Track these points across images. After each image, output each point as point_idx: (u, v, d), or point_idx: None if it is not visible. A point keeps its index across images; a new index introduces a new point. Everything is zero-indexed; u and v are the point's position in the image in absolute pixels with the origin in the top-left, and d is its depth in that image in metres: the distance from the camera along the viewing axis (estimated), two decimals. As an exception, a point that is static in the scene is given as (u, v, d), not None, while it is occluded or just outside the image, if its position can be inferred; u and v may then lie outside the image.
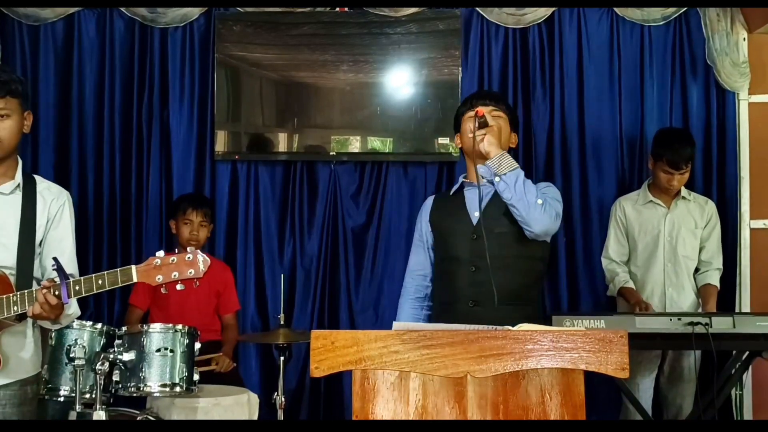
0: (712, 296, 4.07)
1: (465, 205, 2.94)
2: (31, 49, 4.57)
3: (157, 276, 2.52)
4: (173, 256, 2.53)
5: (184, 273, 2.53)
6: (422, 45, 4.57)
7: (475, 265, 2.83)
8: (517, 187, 2.73)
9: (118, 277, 2.51)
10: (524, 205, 2.73)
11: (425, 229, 3.04)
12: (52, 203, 2.73)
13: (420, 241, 3.06)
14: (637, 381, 4.01)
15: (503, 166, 2.75)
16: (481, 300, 2.81)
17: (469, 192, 2.96)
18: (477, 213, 2.89)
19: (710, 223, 4.15)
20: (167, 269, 2.52)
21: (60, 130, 4.59)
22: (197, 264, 2.52)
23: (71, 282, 2.50)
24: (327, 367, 2.02)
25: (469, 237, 2.87)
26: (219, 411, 3.34)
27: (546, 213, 2.75)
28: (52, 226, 2.71)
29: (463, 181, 3.00)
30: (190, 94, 4.62)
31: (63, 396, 3.04)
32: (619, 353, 2.00)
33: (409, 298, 3.06)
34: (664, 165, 3.99)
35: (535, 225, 2.75)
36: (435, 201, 3.09)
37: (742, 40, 4.57)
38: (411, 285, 3.07)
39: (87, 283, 2.50)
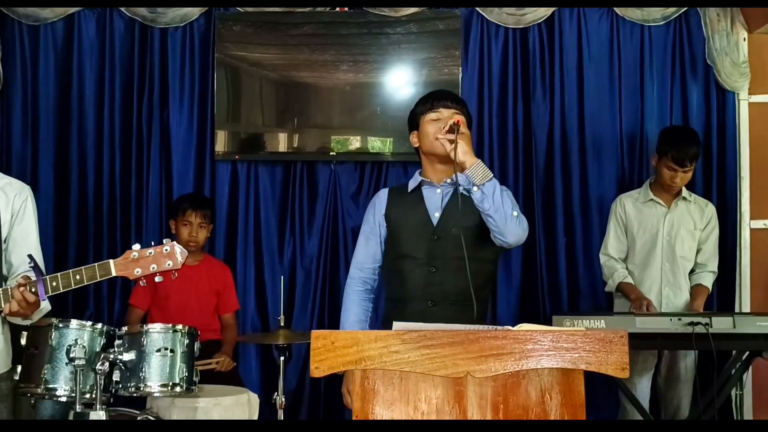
0: (701, 296, 4.07)
1: (424, 204, 2.93)
2: (31, 49, 4.57)
3: (135, 269, 2.53)
4: (150, 249, 2.55)
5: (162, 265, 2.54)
6: (422, 45, 4.58)
7: (433, 266, 2.85)
8: (495, 198, 2.72)
9: (96, 272, 2.51)
10: (501, 216, 2.73)
11: (380, 222, 3.00)
12: (15, 199, 2.72)
13: (372, 234, 3.01)
14: (635, 381, 4.01)
15: (480, 176, 2.73)
16: (437, 300, 2.82)
17: (427, 191, 2.95)
18: (437, 213, 2.89)
19: (709, 225, 4.15)
20: (145, 262, 2.53)
21: (60, 130, 4.59)
22: (175, 255, 2.54)
23: (48, 278, 2.50)
24: (327, 367, 2.02)
25: (428, 237, 2.87)
26: (219, 411, 3.34)
27: (520, 225, 2.77)
28: (16, 221, 2.70)
29: (422, 179, 2.98)
30: (190, 94, 4.62)
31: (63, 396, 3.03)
32: (619, 353, 2.00)
33: (357, 289, 3.03)
34: (669, 161, 3.97)
35: (510, 236, 2.76)
36: (390, 196, 3.04)
37: (742, 40, 4.57)
38: (359, 276, 3.04)
39: (64, 279, 2.50)
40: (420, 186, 2.97)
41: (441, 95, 3.01)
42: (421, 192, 2.96)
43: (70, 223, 4.56)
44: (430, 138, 2.88)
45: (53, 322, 3.02)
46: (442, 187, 2.92)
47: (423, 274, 2.86)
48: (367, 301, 3.05)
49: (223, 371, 3.94)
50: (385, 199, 3.03)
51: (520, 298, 4.63)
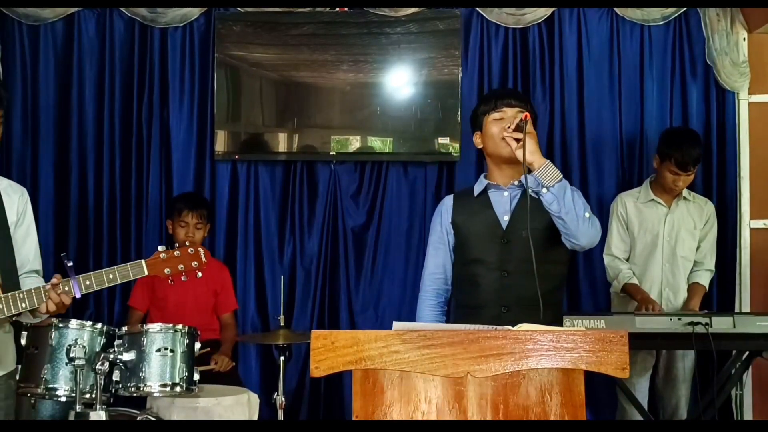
0: (697, 294, 4.07)
1: (492, 208, 2.85)
2: (31, 49, 4.57)
3: (165, 269, 2.69)
4: (177, 250, 2.71)
5: (189, 265, 2.72)
6: (422, 45, 4.57)
7: (505, 270, 2.78)
8: (566, 199, 2.64)
9: (129, 271, 2.64)
10: (573, 218, 2.65)
11: (447, 230, 2.93)
12: (18, 200, 2.77)
13: (441, 243, 2.94)
14: (634, 381, 4.01)
15: (550, 177, 2.64)
16: (511, 305, 2.75)
17: (494, 194, 2.87)
18: (507, 217, 2.82)
19: (707, 223, 4.15)
20: (174, 262, 2.70)
21: (60, 130, 4.59)
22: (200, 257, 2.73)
23: (81, 277, 2.60)
24: (327, 367, 2.02)
25: (498, 241, 2.80)
26: (219, 411, 3.34)
27: (593, 226, 2.70)
28: (18, 222, 2.76)
29: (488, 182, 2.90)
30: (190, 94, 4.62)
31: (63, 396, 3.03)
32: (619, 353, 2.00)
33: (430, 303, 2.95)
34: (672, 165, 3.96)
35: (583, 238, 2.69)
36: (456, 202, 2.96)
37: (742, 40, 4.57)
38: (431, 287, 2.96)
39: (98, 278, 2.62)
40: (486, 189, 2.89)
41: (504, 93, 2.94)
42: (488, 196, 2.88)
43: (70, 223, 4.56)
44: (495, 139, 2.80)
45: (53, 322, 3.01)
46: (509, 189, 2.84)
47: (495, 278, 2.78)
48: (441, 315, 2.96)
49: (222, 371, 3.94)
50: (450, 206, 2.95)
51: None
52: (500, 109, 2.83)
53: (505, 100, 2.85)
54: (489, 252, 2.81)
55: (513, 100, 2.85)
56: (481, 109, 2.90)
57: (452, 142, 4.52)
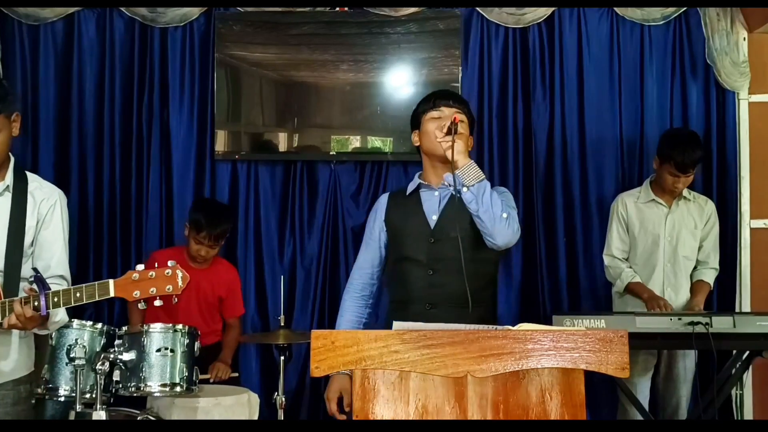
0: (702, 291, 4.07)
1: (422, 207, 2.92)
2: (31, 49, 4.57)
3: (134, 291, 2.48)
4: (152, 271, 2.49)
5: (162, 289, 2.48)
6: (422, 45, 4.57)
7: (432, 268, 2.84)
8: (484, 199, 2.72)
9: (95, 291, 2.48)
10: (490, 217, 2.72)
11: (379, 227, 3.00)
12: (42, 203, 2.69)
13: (371, 239, 3.02)
14: (635, 381, 4.01)
15: (471, 176, 2.73)
16: (437, 302, 2.82)
17: (425, 194, 2.94)
18: (435, 216, 2.88)
19: (709, 222, 4.15)
20: (145, 285, 2.48)
21: (60, 130, 4.59)
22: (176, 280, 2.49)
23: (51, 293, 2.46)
24: (327, 367, 2.01)
25: (426, 240, 2.87)
26: (219, 411, 3.34)
27: (510, 227, 2.76)
28: (42, 226, 2.67)
29: (420, 181, 2.97)
30: (190, 94, 4.62)
31: (63, 396, 3.04)
32: (619, 353, 2.00)
33: (354, 295, 3.03)
34: (672, 167, 3.96)
35: (499, 238, 2.75)
36: (390, 200, 3.04)
37: (742, 40, 4.57)
38: (358, 282, 3.04)
39: (65, 296, 2.48)
40: (418, 189, 2.97)
41: (443, 94, 3.00)
42: (419, 195, 2.95)
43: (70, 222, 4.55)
44: (430, 137, 2.87)
45: (53, 322, 3.01)
46: (439, 189, 2.91)
47: (422, 276, 2.85)
48: (363, 307, 3.04)
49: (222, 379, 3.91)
50: (384, 204, 3.03)
51: (520, 298, 4.63)
52: (438, 108, 2.90)
53: (444, 100, 2.93)
54: (418, 250, 2.87)
55: (452, 101, 2.93)
56: (421, 108, 2.97)
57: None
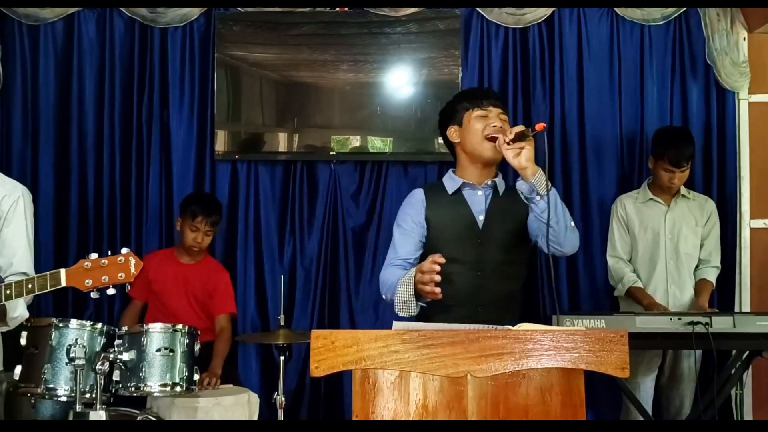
0: (706, 291, 4.08)
1: (468, 208, 2.88)
2: (31, 49, 4.57)
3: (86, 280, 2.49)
4: (104, 259, 2.50)
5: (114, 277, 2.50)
6: (422, 45, 4.57)
7: (479, 270, 2.82)
8: (557, 209, 2.66)
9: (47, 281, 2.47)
10: (562, 227, 2.68)
11: (420, 222, 2.90)
12: (3, 200, 2.67)
13: (413, 232, 2.89)
14: (638, 381, 4.01)
15: (544, 185, 2.64)
16: (485, 304, 2.80)
17: (468, 194, 2.90)
18: (482, 217, 2.85)
19: (710, 221, 4.16)
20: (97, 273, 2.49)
21: (60, 130, 4.59)
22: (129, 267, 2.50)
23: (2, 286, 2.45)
24: (327, 367, 2.02)
25: (475, 241, 2.83)
26: (219, 411, 3.35)
27: (576, 235, 2.75)
28: (4, 224, 2.66)
29: (463, 181, 2.93)
30: (190, 94, 4.62)
31: (63, 396, 3.03)
32: (619, 353, 2.00)
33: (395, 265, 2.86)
34: (665, 164, 4.00)
35: (567, 246, 2.73)
36: (428, 197, 2.95)
37: (742, 40, 4.57)
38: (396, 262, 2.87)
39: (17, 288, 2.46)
40: (460, 188, 2.91)
41: (489, 93, 2.97)
42: (462, 195, 2.90)
43: (71, 223, 4.56)
44: (477, 135, 2.83)
45: (53, 322, 3.02)
46: (483, 188, 2.87)
47: (470, 278, 2.81)
48: None
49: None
50: (422, 199, 2.94)
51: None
52: (486, 107, 2.87)
53: (490, 100, 2.91)
54: (465, 252, 2.82)
55: (497, 101, 2.92)
56: (464, 104, 2.92)
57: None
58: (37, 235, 4.40)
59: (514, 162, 2.66)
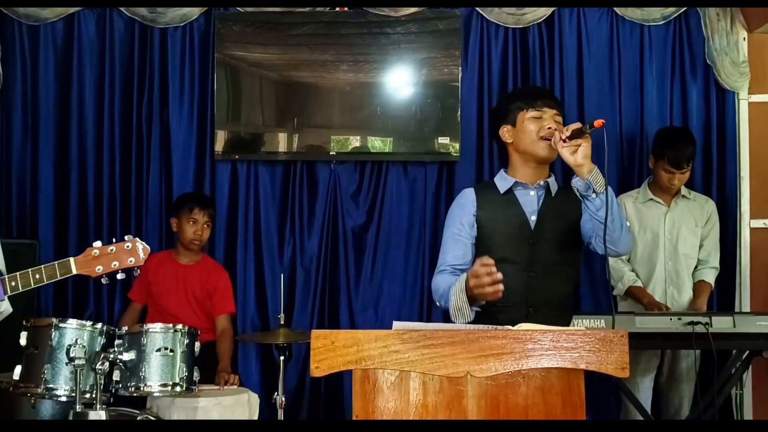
0: (704, 292, 4.08)
1: (520, 207, 2.83)
2: (31, 49, 4.57)
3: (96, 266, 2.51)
4: (112, 246, 2.54)
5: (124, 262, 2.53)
6: (422, 45, 4.57)
7: (532, 270, 2.77)
8: (613, 207, 2.61)
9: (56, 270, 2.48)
10: (617, 225, 2.63)
11: (470, 223, 2.84)
12: None
13: (461, 235, 2.84)
14: (637, 381, 4.02)
15: (601, 182, 2.61)
16: (537, 305, 2.74)
17: (520, 193, 2.85)
18: (534, 217, 2.80)
19: (709, 221, 4.16)
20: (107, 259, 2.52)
21: (60, 130, 4.59)
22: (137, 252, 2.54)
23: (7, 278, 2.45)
24: (327, 367, 2.02)
25: (527, 241, 2.78)
26: (219, 411, 3.34)
27: (630, 235, 2.72)
28: None
29: (515, 180, 2.87)
30: (190, 94, 4.62)
31: (63, 396, 3.03)
32: (619, 353, 2.00)
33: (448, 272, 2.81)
34: (666, 164, 3.99)
35: (621, 246, 2.68)
36: (479, 196, 2.89)
37: (742, 40, 4.57)
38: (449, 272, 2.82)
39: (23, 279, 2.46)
40: (512, 188, 2.87)
41: (544, 93, 2.94)
42: (515, 194, 2.85)
43: (70, 222, 4.56)
44: (531, 136, 2.80)
45: (53, 322, 3.02)
46: (535, 188, 2.84)
47: (523, 279, 2.75)
48: None
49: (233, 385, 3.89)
50: (473, 199, 2.88)
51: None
52: (540, 108, 2.83)
53: (546, 100, 2.86)
54: (518, 252, 2.77)
55: (553, 102, 2.87)
56: (517, 104, 2.87)
57: (452, 142, 4.52)
58: (37, 235, 4.47)
59: (570, 159, 2.63)
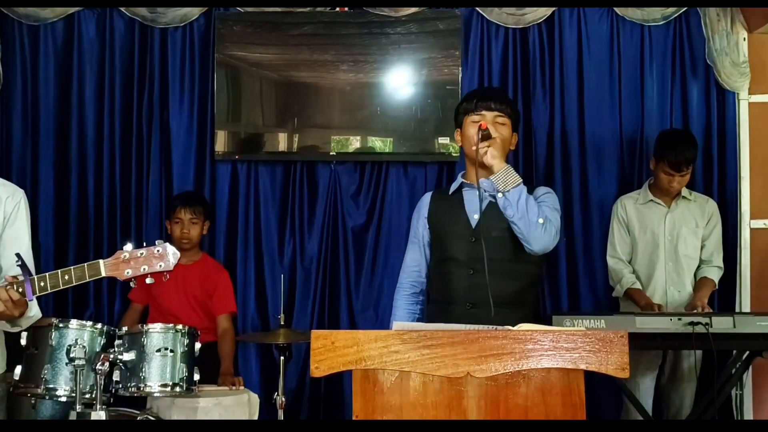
0: (706, 287, 4.05)
1: (464, 206, 2.93)
2: (31, 49, 4.57)
3: (126, 270, 2.48)
4: (142, 250, 2.50)
5: (154, 266, 2.50)
6: (422, 45, 4.57)
7: (473, 268, 2.84)
8: (519, 204, 2.72)
9: (85, 272, 2.46)
10: (525, 223, 2.73)
11: (422, 226, 3.03)
12: (7, 201, 2.66)
13: (416, 238, 3.06)
14: (638, 381, 4.01)
15: (507, 182, 2.74)
16: (478, 302, 2.80)
17: (468, 193, 2.95)
18: (476, 215, 2.88)
19: (711, 221, 4.15)
20: (136, 263, 2.49)
21: (60, 130, 4.59)
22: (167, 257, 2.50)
23: (36, 278, 2.45)
24: (327, 367, 2.02)
25: (467, 239, 2.87)
26: (219, 411, 3.35)
27: (546, 232, 2.76)
28: (7, 224, 2.65)
29: (462, 181, 2.98)
30: (190, 94, 4.62)
31: (63, 396, 3.03)
32: (619, 353, 2.00)
33: (404, 294, 3.07)
34: (666, 166, 3.99)
35: (535, 244, 2.77)
36: (433, 199, 3.07)
37: (742, 40, 4.57)
38: (406, 281, 3.08)
39: (52, 279, 2.45)
40: (460, 188, 2.97)
41: (485, 95, 2.97)
42: (462, 194, 2.96)
43: (71, 223, 4.56)
44: (470, 141, 2.88)
45: (53, 322, 3.02)
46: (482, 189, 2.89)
47: (463, 276, 2.86)
48: (414, 304, 3.06)
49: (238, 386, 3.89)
50: (427, 203, 3.06)
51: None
52: (479, 111, 2.90)
53: (486, 102, 2.91)
54: (459, 250, 2.88)
55: (493, 103, 2.91)
56: (463, 108, 2.97)
57: (452, 142, 4.51)
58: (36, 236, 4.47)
59: (484, 161, 2.77)
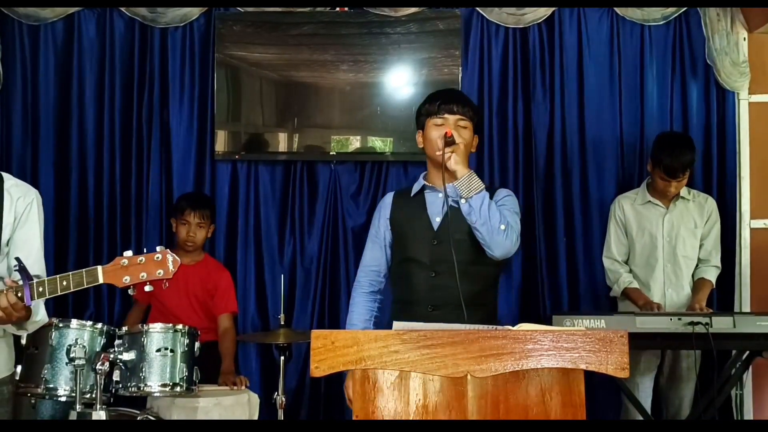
0: (704, 288, 4.05)
1: (426, 209, 2.93)
2: (31, 49, 4.57)
3: (124, 277, 2.46)
4: (141, 256, 2.47)
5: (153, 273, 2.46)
6: (422, 45, 4.57)
7: (434, 270, 2.86)
8: (482, 211, 2.74)
9: (83, 278, 2.45)
10: (488, 229, 2.75)
11: (384, 227, 3.02)
12: (18, 201, 2.64)
13: (377, 238, 3.04)
14: (637, 381, 4.01)
15: (470, 188, 2.76)
16: (439, 304, 2.83)
17: (430, 195, 2.95)
18: (438, 218, 2.89)
19: (710, 220, 4.14)
20: (135, 270, 2.46)
21: (60, 130, 4.59)
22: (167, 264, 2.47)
23: (35, 283, 2.43)
24: (327, 367, 2.02)
25: (429, 242, 2.88)
26: (219, 411, 3.35)
27: (508, 238, 2.78)
28: (18, 225, 2.62)
29: (425, 183, 2.98)
30: (190, 94, 4.62)
31: (63, 396, 3.04)
32: (619, 353, 2.00)
33: (362, 292, 3.07)
34: (661, 172, 3.96)
35: (496, 249, 2.78)
36: (395, 200, 3.05)
37: (742, 40, 4.57)
38: (365, 279, 3.07)
39: (51, 285, 2.44)
40: (423, 190, 2.98)
41: (448, 98, 2.95)
42: (424, 196, 2.97)
43: (71, 223, 4.56)
44: (433, 144, 2.88)
45: (53, 322, 3.02)
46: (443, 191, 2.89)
47: (425, 278, 2.87)
48: (372, 302, 3.07)
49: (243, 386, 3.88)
50: (389, 203, 3.05)
51: (520, 298, 4.63)
52: (441, 114, 2.90)
53: (448, 105, 2.90)
54: (421, 252, 2.89)
55: (455, 106, 2.90)
56: (425, 110, 2.96)
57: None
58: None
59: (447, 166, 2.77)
